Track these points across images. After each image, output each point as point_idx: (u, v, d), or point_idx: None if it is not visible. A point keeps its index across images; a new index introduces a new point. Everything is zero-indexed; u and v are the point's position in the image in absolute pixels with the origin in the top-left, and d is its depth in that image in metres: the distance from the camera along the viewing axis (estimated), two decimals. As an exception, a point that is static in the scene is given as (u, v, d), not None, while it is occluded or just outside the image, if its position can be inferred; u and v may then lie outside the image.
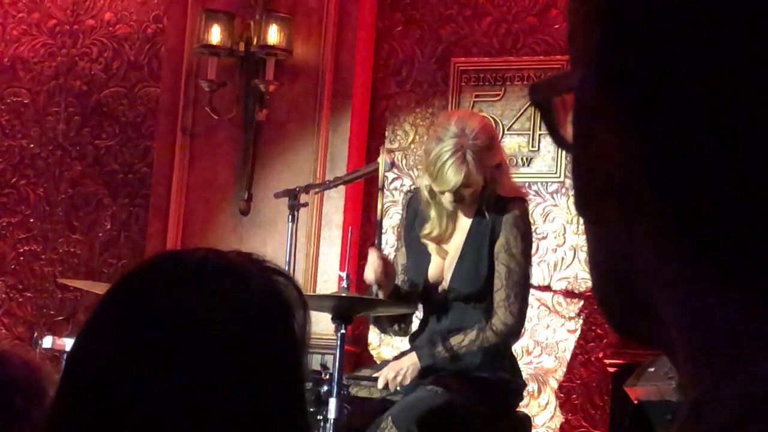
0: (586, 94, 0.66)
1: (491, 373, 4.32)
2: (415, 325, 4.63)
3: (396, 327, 4.60)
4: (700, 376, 0.63)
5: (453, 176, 4.28)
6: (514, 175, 5.59)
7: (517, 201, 4.43)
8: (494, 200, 4.38)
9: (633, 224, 0.65)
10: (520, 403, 4.56)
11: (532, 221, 5.62)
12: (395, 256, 4.65)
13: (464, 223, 4.43)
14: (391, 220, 5.67)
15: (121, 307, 1.36)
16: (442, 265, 4.44)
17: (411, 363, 4.31)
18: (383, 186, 4.60)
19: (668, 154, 0.63)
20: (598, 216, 0.68)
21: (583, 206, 0.68)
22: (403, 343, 4.87)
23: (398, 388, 4.29)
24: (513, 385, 4.39)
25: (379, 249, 4.46)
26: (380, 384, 4.30)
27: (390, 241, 5.54)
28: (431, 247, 4.47)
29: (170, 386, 1.29)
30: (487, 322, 4.32)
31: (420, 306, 4.54)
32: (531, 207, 5.67)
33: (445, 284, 4.42)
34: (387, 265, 4.40)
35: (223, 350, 1.31)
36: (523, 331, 4.54)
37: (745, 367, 0.61)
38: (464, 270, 4.39)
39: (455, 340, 4.30)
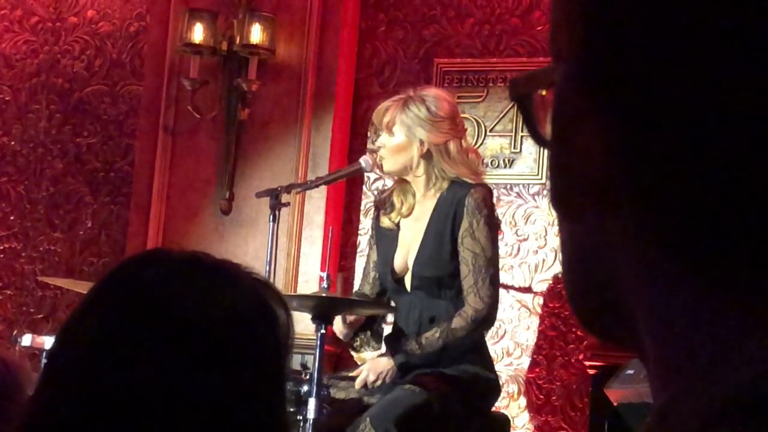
0: (567, 91, 0.66)
1: (465, 366, 4.29)
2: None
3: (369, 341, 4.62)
4: (668, 379, 0.63)
5: (384, 110, 4.39)
6: (495, 177, 5.61)
7: (480, 186, 4.37)
8: (455, 185, 4.34)
9: (609, 223, 0.65)
10: (500, 404, 4.55)
11: (512, 222, 5.66)
12: (368, 255, 4.66)
13: (426, 208, 4.41)
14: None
15: (107, 300, 1.36)
16: (407, 253, 4.43)
17: (390, 366, 4.30)
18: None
19: (648, 154, 0.62)
20: (573, 214, 0.67)
21: (559, 203, 0.68)
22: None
23: (376, 386, 4.29)
24: (488, 380, 4.34)
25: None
26: (358, 385, 4.30)
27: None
28: (398, 235, 4.47)
29: (151, 380, 1.29)
30: (456, 313, 4.29)
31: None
32: (512, 209, 5.69)
33: (409, 271, 4.40)
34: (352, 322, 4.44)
35: (207, 346, 1.32)
36: (495, 316, 4.39)
37: (712, 371, 0.60)
38: (425, 254, 4.34)
39: (427, 335, 4.27)
